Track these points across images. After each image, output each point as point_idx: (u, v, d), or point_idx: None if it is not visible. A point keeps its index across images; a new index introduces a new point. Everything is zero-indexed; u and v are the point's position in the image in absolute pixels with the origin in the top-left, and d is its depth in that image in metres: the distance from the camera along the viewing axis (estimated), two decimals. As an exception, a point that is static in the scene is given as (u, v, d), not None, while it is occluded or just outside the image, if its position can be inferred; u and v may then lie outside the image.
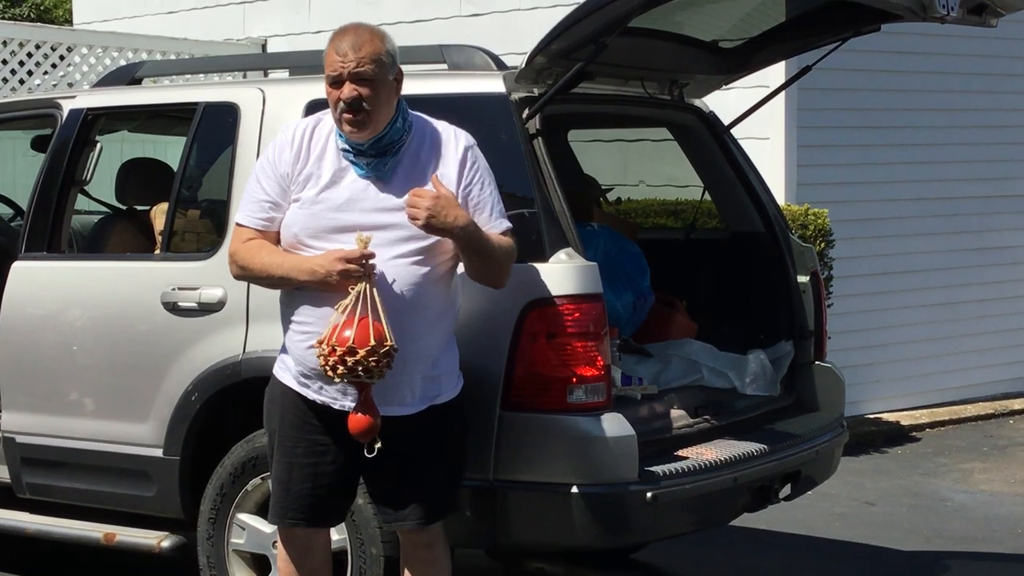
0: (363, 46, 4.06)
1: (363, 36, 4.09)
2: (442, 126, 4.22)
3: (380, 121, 4.09)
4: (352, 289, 3.97)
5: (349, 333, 3.91)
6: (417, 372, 4.11)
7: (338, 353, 3.91)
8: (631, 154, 8.40)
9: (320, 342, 3.97)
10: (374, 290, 3.97)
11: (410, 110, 4.20)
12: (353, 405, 4.05)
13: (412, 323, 4.05)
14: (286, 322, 4.20)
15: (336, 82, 4.07)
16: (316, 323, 4.07)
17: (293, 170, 4.16)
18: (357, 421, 4.01)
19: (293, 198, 4.16)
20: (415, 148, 4.16)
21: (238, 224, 4.24)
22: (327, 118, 4.22)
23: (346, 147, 4.14)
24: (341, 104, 4.06)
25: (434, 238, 4.07)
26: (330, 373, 3.96)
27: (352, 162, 4.14)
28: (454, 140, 4.18)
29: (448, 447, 4.24)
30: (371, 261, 3.98)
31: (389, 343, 3.93)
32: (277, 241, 4.18)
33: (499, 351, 4.37)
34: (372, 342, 3.90)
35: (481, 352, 4.37)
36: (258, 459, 4.70)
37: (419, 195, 4.00)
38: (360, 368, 3.91)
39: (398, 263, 4.06)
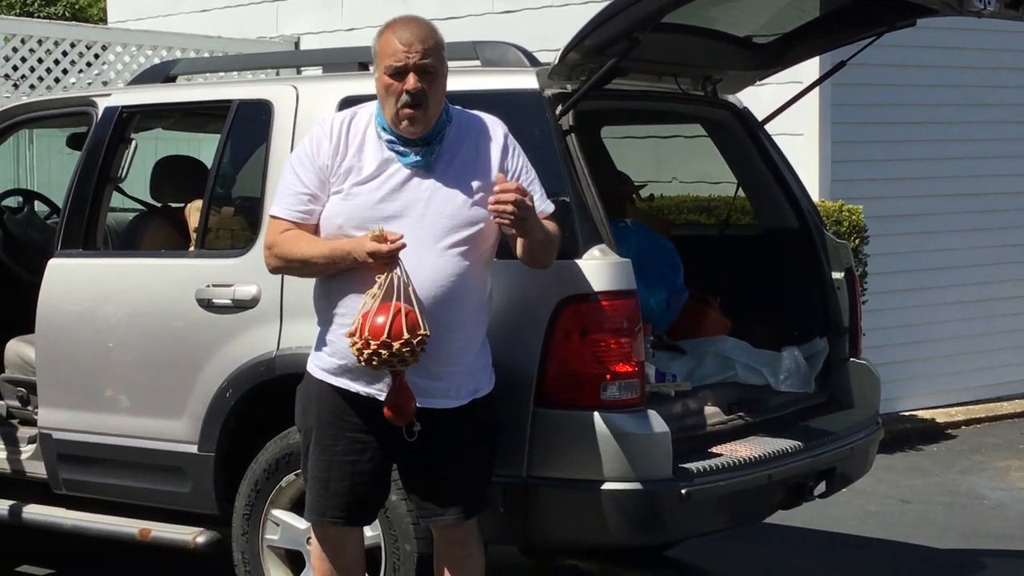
0: (427, 38, 4.05)
1: (425, 28, 4.09)
2: (475, 115, 4.23)
3: (433, 117, 4.10)
4: (379, 277, 3.96)
5: (382, 320, 3.87)
6: (461, 364, 4.10)
7: (372, 346, 3.89)
8: (664, 150, 8.37)
9: (352, 333, 3.95)
10: (401, 276, 3.93)
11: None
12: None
13: (456, 313, 4.04)
14: (324, 316, 4.19)
15: (399, 73, 4.04)
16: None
17: (333, 162, 4.15)
18: (393, 405, 3.99)
19: (334, 190, 4.14)
20: (454, 136, 4.16)
21: (273, 217, 4.22)
22: (362, 111, 4.22)
23: (392, 137, 4.13)
24: (404, 96, 4.03)
25: (477, 227, 4.07)
26: (363, 363, 3.95)
27: (397, 152, 4.13)
28: (491, 127, 4.20)
29: (485, 442, 4.24)
30: (405, 249, 3.94)
31: (422, 331, 3.91)
32: (314, 234, 4.17)
33: (532, 347, 4.37)
34: (406, 333, 3.88)
35: (514, 349, 4.37)
36: (292, 455, 4.70)
37: (506, 191, 3.96)
38: (396, 359, 3.90)
39: (442, 253, 4.06)
